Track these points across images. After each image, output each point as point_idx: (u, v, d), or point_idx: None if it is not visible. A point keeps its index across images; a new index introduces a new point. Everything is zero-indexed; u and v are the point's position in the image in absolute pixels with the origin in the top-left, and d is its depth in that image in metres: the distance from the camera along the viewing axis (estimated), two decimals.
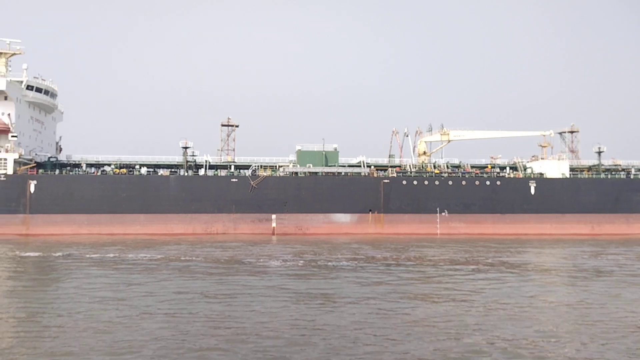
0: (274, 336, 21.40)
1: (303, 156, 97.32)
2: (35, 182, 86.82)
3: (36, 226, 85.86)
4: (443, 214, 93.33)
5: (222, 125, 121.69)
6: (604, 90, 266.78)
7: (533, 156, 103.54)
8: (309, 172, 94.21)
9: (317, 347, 19.83)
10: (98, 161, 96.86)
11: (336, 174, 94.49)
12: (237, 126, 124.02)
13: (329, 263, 46.86)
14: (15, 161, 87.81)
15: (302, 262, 47.81)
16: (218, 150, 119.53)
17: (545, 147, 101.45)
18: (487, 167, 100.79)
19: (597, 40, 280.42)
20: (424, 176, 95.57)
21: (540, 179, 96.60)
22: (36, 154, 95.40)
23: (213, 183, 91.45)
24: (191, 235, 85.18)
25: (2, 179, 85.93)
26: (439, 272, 41.53)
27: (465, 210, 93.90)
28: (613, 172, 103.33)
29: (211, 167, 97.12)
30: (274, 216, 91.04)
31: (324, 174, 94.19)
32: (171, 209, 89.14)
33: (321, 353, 19.11)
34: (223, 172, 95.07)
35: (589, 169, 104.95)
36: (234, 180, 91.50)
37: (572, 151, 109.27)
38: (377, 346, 20.10)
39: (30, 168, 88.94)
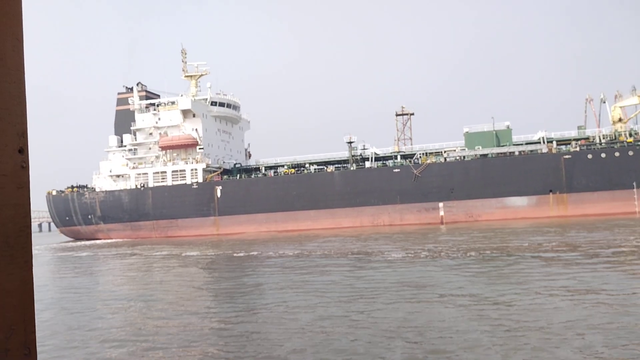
0: None
1: (471, 138, 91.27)
2: (220, 187, 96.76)
3: (224, 227, 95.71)
4: None
5: (397, 115, 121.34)
6: None
7: None
8: (479, 155, 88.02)
9: None
10: (276, 163, 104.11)
11: (508, 154, 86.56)
12: (412, 114, 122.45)
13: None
14: (204, 170, 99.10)
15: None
16: (395, 140, 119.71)
17: None
18: None
19: None
20: (615, 147, 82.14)
21: None
22: (224, 162, 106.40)
23: (376, 175, 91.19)
24: (359, 228, 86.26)
25: (195, 187, 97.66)
26: None
27: None
28: None
29: (377, 159, 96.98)
30: (441, 204, 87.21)
31: (493, 155, 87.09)
32: (338, 204, 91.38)
33: None
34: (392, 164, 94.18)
35: None
36: (396, 170, 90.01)
37: None
38: None
39: (217, 175, 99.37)
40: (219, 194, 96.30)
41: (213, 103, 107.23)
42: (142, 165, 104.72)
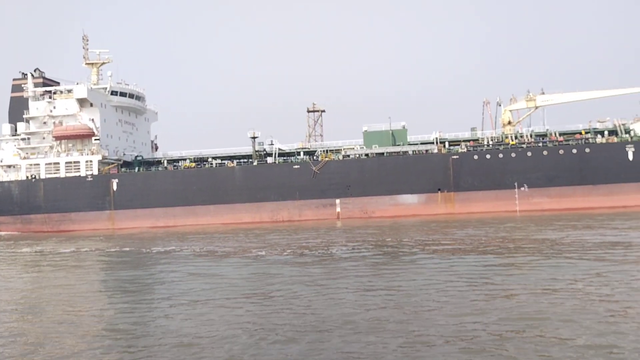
0: None
1: (369, 137, 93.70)
2: (117, 180, 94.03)
3: (120, 221, 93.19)
4: (522, 188, 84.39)
5: (308, 111, 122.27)
6: None
7: (635, 117, 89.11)
8: (375, 154, 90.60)
9: None
10: (180, 156, 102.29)
11: (402, 153, 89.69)
12: (323, 111, 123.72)
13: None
14: (100, 162, 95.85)
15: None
16: (306, 136, 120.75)
17: None
18: (578, 133, 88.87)
19: None
20: (499, 148, 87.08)
21: None
22: (124, 154, 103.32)
23: (276, 171, 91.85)
24: (258, 224, 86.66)
25: (89, 179, 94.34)
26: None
27: (548, 183, 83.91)
28: None
29: (281, 155, 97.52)
30: (337, 201, 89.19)
31: (388, 154, 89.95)
32: (238, 199, 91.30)
33: None
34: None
35: None
36: (296, 167, 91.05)
37: None
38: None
39: (113, 168, 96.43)
40: (115, 187, 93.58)
41: (113, 92, 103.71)
42: (34, 156, 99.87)
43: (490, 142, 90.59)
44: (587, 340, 16.42)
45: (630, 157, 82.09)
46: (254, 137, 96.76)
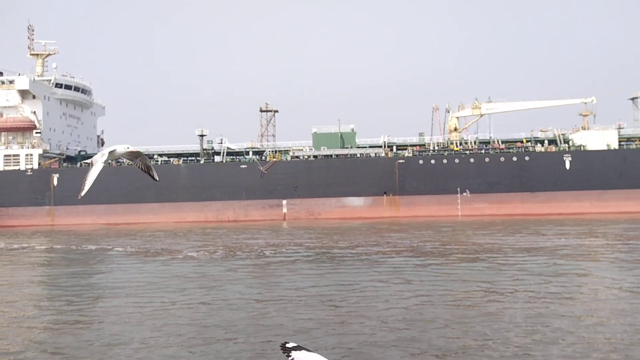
0: None
1: (318, 138, 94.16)
2: (57, 175, 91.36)
3: (60, 217, 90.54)
4: (464, 194, 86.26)
5: (261, 111, 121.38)
6: None
7: (574, 127, 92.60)
8: (322, 155, 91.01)
9: None
10: None
11: (349, 155, 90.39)
12: (276, 111, 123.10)
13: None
14: (40, 156, 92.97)
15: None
16: (258, 136, 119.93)
17: (586, 115, 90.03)
18: (519, 142, 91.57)
19: None
20: (444, 154, 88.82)
21: (577, 152, 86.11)
22: (67, 148, 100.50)
23: (223, 170, 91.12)
24: (203, 223, 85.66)
25: (29, 173, 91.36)
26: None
27: (489, 189, 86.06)
28: None
29: (230, 154, 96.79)
30: (284, 202, 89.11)
31: (336, 156, 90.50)
32: (183, 197, 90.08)
33: None
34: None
35: None
36: (243, 166, 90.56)
37: None
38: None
39: (54, 162, 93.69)
40: (55, 182, 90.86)
41: (58, 85, 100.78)
42: None
43: (436, 148, 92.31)
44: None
45: (568, 166, 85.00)
46: (202, 135, 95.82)
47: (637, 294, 23.50)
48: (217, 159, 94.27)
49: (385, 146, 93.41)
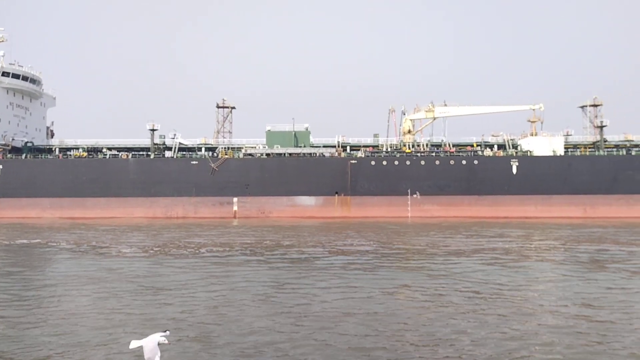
0: None
1: (272, 137, 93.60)
2: (1, 166, 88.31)
3: (2, 209, 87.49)
4: (414, 195, 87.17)
5: (218, 107, 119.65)
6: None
7: (523, 133, 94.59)
8: (275, 154, 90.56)
9: None
10: (75, 145, 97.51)
11: (302, 155, 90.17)
12: (233, 108, 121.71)
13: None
14: None
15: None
16: (215, 132, 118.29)
17: (534, 122, 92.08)
18: (469, 145, 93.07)
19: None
20: (396, 156, 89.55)
21: (524, 157, 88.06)
22: (12, 139, 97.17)
23: (173, 166, 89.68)
24: (151, 219, 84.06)
25: None
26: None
27: (439, 191, 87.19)
28: (616, 150, 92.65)
29: (183, 149, 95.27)
30: (235, 199, 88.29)
31: (288, 155, 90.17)
32: (131, 193, 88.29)
33: None
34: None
35: (593, 145, 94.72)
36: (194, 162, 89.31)
37: (596, 127, 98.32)
38: None
39: None
40: None
41: (5, 74, 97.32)
42: None
43: (389, 149, 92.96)
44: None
45: (514, 170, 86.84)
46: (153, 130, 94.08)
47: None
48: (168, 154, 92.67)
49: (339, 146, 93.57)
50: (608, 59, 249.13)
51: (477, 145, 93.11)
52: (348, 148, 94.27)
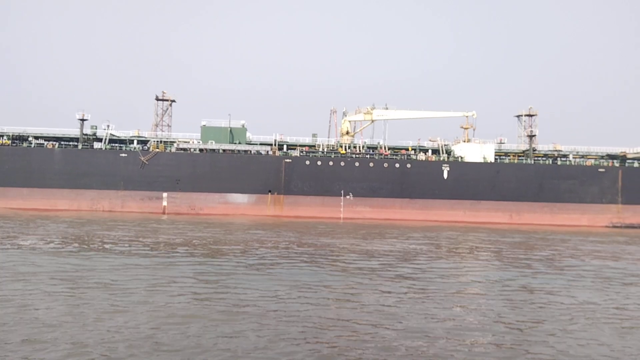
0: None
1: (207, 132, 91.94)
2: None
3: None
4: (348, 197, 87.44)
5: (157, 100, 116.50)
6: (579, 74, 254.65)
7: (456, 139, 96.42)
8: (209, 149, 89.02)
9: None
10: (2, 132, 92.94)
11: (236, 151, 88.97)
12: (173, 101, 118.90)
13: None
14: None
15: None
16: (153, 125, 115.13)
17: (467, 128, 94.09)
18: (404, 149, 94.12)
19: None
20: (331, 156, 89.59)
21: (455, 163, 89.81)
22: None
23: (101, 157, 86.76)
24: (76, 212, 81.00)
25: None
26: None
27: (372, 194, 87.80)
28: (544, 159, 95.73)
29: (114, 141, 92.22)
30: (165, 194, 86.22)
31: (222, 151, 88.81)
32: (56, 184, 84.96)
33: None
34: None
35: (523, 153, 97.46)
36: (123, 155, 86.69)
37: (529, 135, 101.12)
38: None
39: None
40: None
41: None
42: None
43: (325, 150, 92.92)
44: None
45: (445, 175, 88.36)
46: (82, 119, 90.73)
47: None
48: (98, 145, 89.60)
49: (276, 144, 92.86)
50: (547, 71, 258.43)
51: (412, 150, 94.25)
52: (285, 147, 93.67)
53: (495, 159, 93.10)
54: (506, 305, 23.71)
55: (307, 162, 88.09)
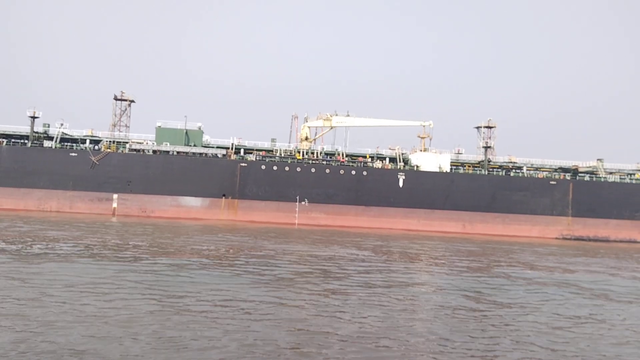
0: None
1: (162, 133, 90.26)
2: None
3: None
4: (303, 202, 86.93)
5: (115, 99, 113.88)
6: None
7: (413, 148, 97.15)
8: (162, 151, 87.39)
9: None
10: None
11: (190, 154, 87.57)
12: (132, 101, 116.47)
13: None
14: None
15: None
16: (111, 125, 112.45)
17: (424, 138, 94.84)
18: (362, 156, 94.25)
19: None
20: (287, 162, 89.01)
21: (410, 172, 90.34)
22: None
23: (50, 156, 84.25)
24: (22, 211, 78.33)
25: None
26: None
27: (327, 200, 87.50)
28: (499, 170, 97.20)
29: (66, 140, 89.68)
30: (115, 196, 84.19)
31: (176, 153, 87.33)
32: (2, 182, 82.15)
33: None
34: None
35: (479, 164, 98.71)
36: (73, 154, 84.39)
37: (485, 147, 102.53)
38: None
39: None
40: None
41: None
42: None
43: (283, 155, 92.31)
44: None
45: (401, 184, 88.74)
46: (33, 117, 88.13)
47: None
48: (48, 144, 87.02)
49: (233, 148, 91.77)
50: (508, 84, 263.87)
51: (370, 157, 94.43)
52: (242, 151, 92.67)
53: (451, 169, 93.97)
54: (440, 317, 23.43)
55: (263, 167, 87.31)
